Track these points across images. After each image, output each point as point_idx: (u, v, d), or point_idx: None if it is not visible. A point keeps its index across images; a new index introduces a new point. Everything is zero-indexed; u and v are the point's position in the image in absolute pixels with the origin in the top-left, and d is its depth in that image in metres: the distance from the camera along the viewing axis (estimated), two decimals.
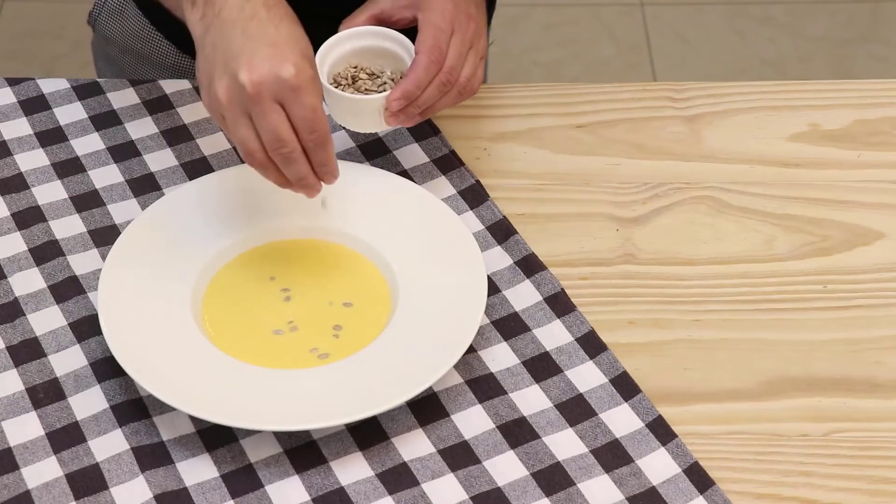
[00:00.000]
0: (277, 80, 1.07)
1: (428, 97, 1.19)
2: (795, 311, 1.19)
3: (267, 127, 1.08)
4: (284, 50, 1.08)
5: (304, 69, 1.08)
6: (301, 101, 1.08)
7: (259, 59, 1.07)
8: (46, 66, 2.72)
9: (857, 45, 2.85)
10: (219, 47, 1.09)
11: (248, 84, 1.07)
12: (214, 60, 1.10)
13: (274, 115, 1.08)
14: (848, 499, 1.06)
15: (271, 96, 1.07)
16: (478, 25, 1.22)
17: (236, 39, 1.09)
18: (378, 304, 1.17)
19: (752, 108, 1.37)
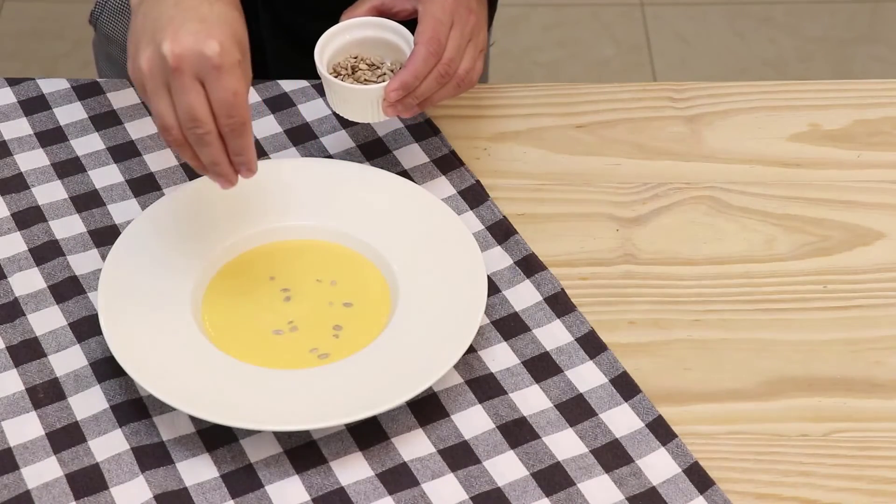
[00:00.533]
0: (200, 55, 1.04)
1: (426, 88, 1.19)
2: (796, 311, 1.19)
3: (184, 103, 1.05)
4: (213, 27, 1.05)
5: (230, 50, 1.05)
6: (222, 83, 1.05)
7: (185, 32, 1.04)
8: (46, 66, 2.72)
9: (857, 45, 2.85)
10: (149, 17, 1.07)
11: (169, 55, 1.04)
12: (144, 29, 1.07)
13: (192, 92, 1.05)
14: (848, 499, 1.06)
15: (192, 72, 1.05)
16: (478, 19, 1.22)
17: (167, 11, 1.06)
18: (378, 304, 1.17)
19: (752, 108, 1.37)
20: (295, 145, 1.32)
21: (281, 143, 1.32)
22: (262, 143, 1.32)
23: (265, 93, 1.36)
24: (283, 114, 1.34)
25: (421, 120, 1.33)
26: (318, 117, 1.34)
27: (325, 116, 1.34)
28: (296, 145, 1.32)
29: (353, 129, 1.33)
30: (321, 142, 1.32)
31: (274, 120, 1.34)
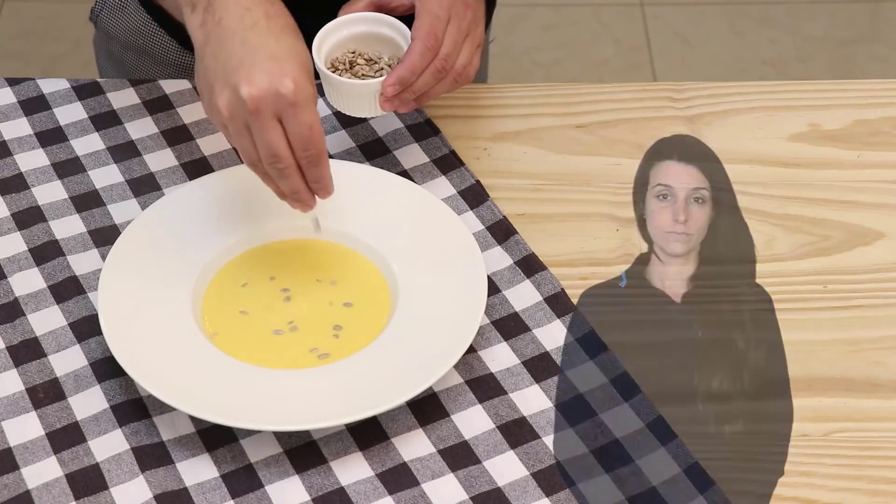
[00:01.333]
0: (276, 95, 1.07)
1: (423, 83, 1.19)
2: (795, 311, 1.19)
3: (264, 142, 1.09)
4: (284, 64, 1.08)
5: (304, 85, 1.08)
6: (298, 118, 1.08)
7: (259, 73, 1.07)
8: (46, 66, 2.72)
9: (857, 45, 2.85)
10: (219, 58, 1.10)
11: (248, 99, 1.07)
12: (215, 71, 1.10)
13: (271, 130, 1.08)
14: (848, 499, 1.06)
15: (270, 111, 1.08)
16: (475, 14, 1.22)
17: (236, 51, 1.09)
18: (378, 304, 1.17)
19: (752, 108, 1.37)
20: None
21: None
22: None
23: None
24: None
25: (421, 120, 1.33)
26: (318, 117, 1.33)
27: (325, 116, 1.34)
28: None
29: (353, 129, 1.33)
30: None
31: None
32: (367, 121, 1.33)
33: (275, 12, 1.11)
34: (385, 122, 1.33)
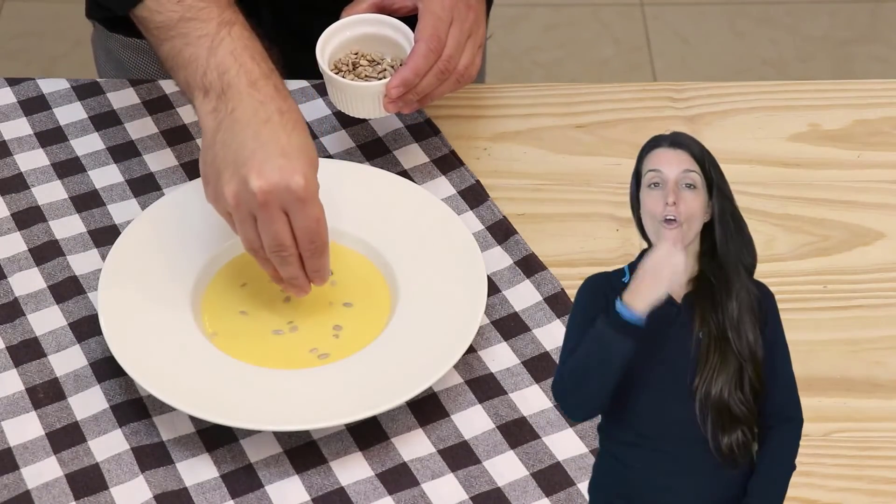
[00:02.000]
0: (286, 190, 1.08)
1: (426, 84, 1.20)
2: (795, 311, 1.19)
3: (270, 232, 1.10)
4: (294, 161, 1.09)
5: (312, 182, 1.09)
6: (306, 213, 1.09)
7: (270, 167, 1.08)
8: (46, 66, 2.72)
9: (857, 45, 2.85)
10: (230, 147, 1.10)
11: (257, 191, 1.08)
12: (224, 159, 1.10)
13: (278, 223, 1.09)
14: (848, 499, 1.06)
15: (278, 205, 1.09)
16: (477, 14, 1.23)
17: (248, 143, 1.10)
18: (378, 304, 1.17)
19: (752, 108, 1.37)
20: None
21: None
22: None
23: None
24: None
25: (421, 120, 1.33)
26: (318, 117, 1.34)
27: (325, 116, 1.34)
28: None
29: (353, 128, 1.33)
30: (321, 142, 1.32)
31: None
32: (367, 121, 1.33)
33: (287, 108, 1.12)
34: (385, 122, 1.33)
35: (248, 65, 1.13)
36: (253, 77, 1.12)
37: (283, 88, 1.13)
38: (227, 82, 1.12)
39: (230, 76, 1.12)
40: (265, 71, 1.13)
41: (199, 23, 1.15)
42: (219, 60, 1.13)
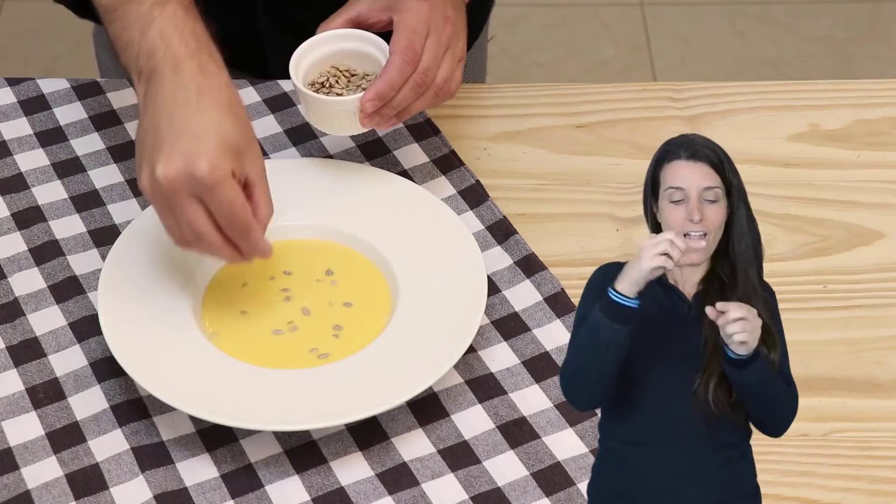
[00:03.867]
0: (191, 177, 1.05)
1: (403, 98, 1.18)
2: (795, 311, 1.19)
3: (184, 221, 1.07)
4: (203, 145, 1.06)
5: (219, 166, 1.06)
6: (217, 199, 1.06)
7: (176, 153, 1.06)
8: (46, 66, 2.72)
9: (857, 45, 2.85)
10: (149, 134, 1.09)
11: (163, 179, 1.06)
12: (143, 145, 1.09)
13: (190, 209, 1.07)
14: (848, 499, 1.06)
15: (187, 192, 1.06)
16: (455, 28, 1.20)
17: (163, 129, 1.08)
18: (378, 304, 1.17)
19: (752, 108, 1.37)
20: (295, 145, 1.32)
21: (281, 143, 1.32)
22: (263, 143, 1.31)
23: (265, 93, 1.36)
24: (283, 114, 1.34)
25: (421, 120, 1.33)
26: None
27: None
28: (296, 145, 1.32)
29: None
30: (321, 142, 1.32)
31: (274, 120, 1.34)
32: None
33: (208, 87, 1.09)
34: None
35: (175, 45, 1.10)
36: (177, 58, 1.10)
37: (209, 65, 1.10)
38: (153, 66, 1.10)
39: (157, 59, 1.10)
40: (192, 49, 1.10)
41: (135, 4, 1.13)
42: (148, 43, 1.11)
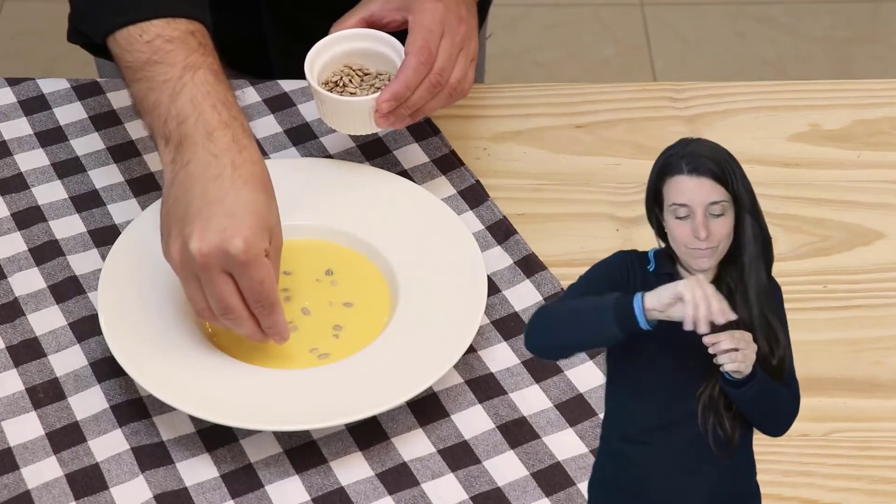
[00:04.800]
0: (226, 255, 1.05)
1: (418, 98, 1.18)
2: (795, 311, 1.18)
3: (214, 295, 1.07)
4: (238, 222, 1.06)
5: (254, 245, 1.06)
6: (248, 275, 1.06)
7: (211, 230, 1.05)
8: (46, 66, 2.72)
9: (857, 45, 2.85)
10: (180, 204, 1.08)
11: (196, 254, 1.05)
12: (174, 217, 1.08)
13: (220, 284, 1.07)
14: (848, 499, 1.06)
15: (219, 267, 1.06)
16: (468, 28, 1.21)
17: (195, 201, 1.07)
18: (378, 304, 1.17)
19: (752, 108, 1.37)
20: (295, 145, 1.32)
21: (281, 143, 1.32)
22: (262, 143, 1.31)
23: (265, 93, 1.36)
24: (283, 114, 1.34)
25: (421, 120, 1.33)
26: (318, 117, 1.33)
27: None
28: (296, 145, 1.32)
29: None
30: (321, 142, 1.32)
31: (274, 120, 1.34)
32: None
33: (242, 161, 1.09)
34: None
35: (207, 113, 1.09)
36: (210, 127, 1.09)
37: (242, 138, 1.10)
38: (184, 132, 1.09)
39: (188, 126, 1.09)
40: (225, 119, 1.10)
41: (165, 66, 1.11)
42: (179, 108, 1.10)
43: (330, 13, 1.26)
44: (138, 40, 1.13)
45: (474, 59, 1.23)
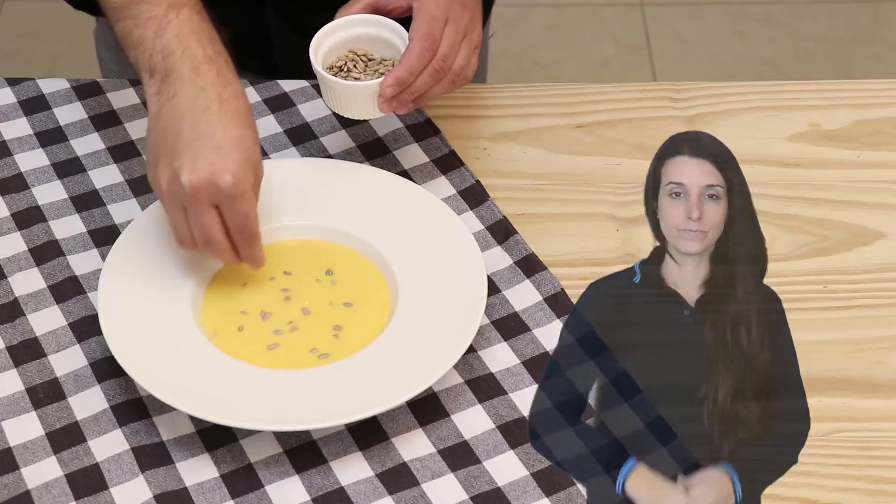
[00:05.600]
0: (215, 187, 1.09)
1: (421, 84, 1.19)
2: (795, 311, 1.19)
3: (198, 225, 1.11)
4: (227, 156, 1.09)
5: (243, 179, 1.10)
6: (235, 208, 1.10)
7: (202, 162, 1.09)
8: (46, 66, 2.72)
9: (857, 45, 2.85)
10: (168, 135, 1.11)
11: (187, 185, 1.09)
12: (163, 147, 1.11)
13: (206, 216, 1.10)
14: (848, 499, 1.06)
15: (208, 200, 1.10)
16: (472, 15, 1.22)
17: (184, 134, 1.10)
18: (378, 304, 1.17)
19: (752, 108, 1.37)
20: (295, 145, 1.32)
21: (281, 143, 1.32)
22: (263, 143, 1.31)
23: (265, 93, 1.36)
24: (283, 114, 1.34)
25: (421, 120, 1.33)
26: (318, 117, 1.34)
27: (325, 116, 1.34)
28: (296, 145, 1.32)
29: (353, 129, 1.33)
30: (321, 142, 1.32)
31: (274, 120, 1.34)
32: (367, 121, 1.33)
33: (228, 96, 1.12)
34: (385, 122, 1.33)
35: (193, 48, 1.13)
36: (196, 61, 1.12)
37: (226, 73, 1.13)
38: (170, 65, 1.13)
39: (174, 59, 1.13)
40: (210, 54, 1.13)
41: (149, 5, 1.15)
42: (164, 43, 1.13)
43: (334, 9, 1.26)
44: None
45: (478, 47, 1.24)
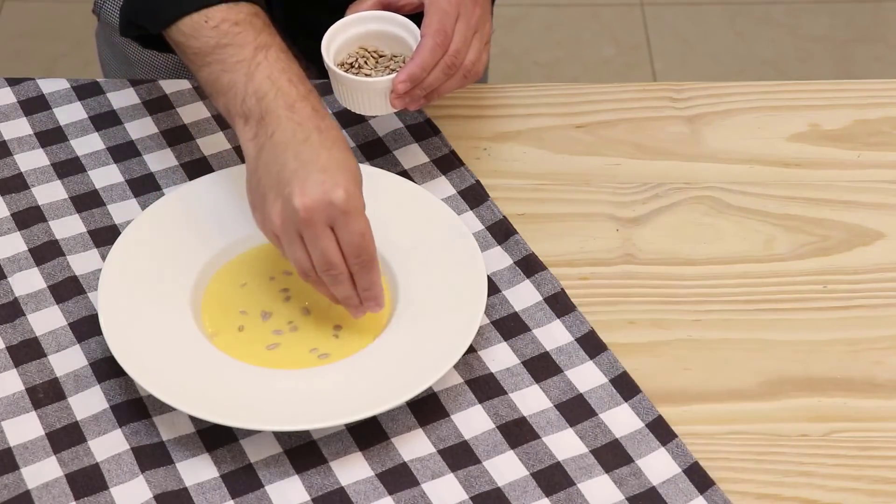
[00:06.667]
0: (329, 204, 1.08)
1: (433, 80, 1.20)
2: (795, 311, 1.19)
3: (318, 249, 1.10)
4: (336, 175, 1.09)
5: (355, 195, 1.09)
6: (350, 227, 1.09)
7: (311, 184, 1.08)
8: (46, 66, 2.72)
9: (857, 45, 2.85)
10: (272, 170, 1.11)
11: (300, 208, 1.08)
12: (268, 182, 1.11)
13: (324, 238, 1.09)
14: (848, 499, 1.06)
15: (323, 220, 1.09)
16: (483, 10, 1.23)
17: (289, 164, 1.10)
18: None
19: (752, 108, 1.37)
20: None
21: None
22: None
23: None
24: None
25: (421, 120, 1.33)
26: None
27: None
28: None
29: (354, 128, 1.33)
30: None
31: None
32: (368, 120, 1.33)
33: (325, 126, 1.12)
34: (385, 122, 1.33)
35: (286, 88, 1.13)
36: (290, 100, 1.12)
37: (320, 108, 1.14)
38: (265, 107, 1.12)
39: (268, 101, 1.12)
40: (302, 93, 1.13)
41: (235, 48, 1.14)
42: (256, 86, 1.13)
43: (341, 11, 1.26)
44: (204, 26, 1.15)
45: (489, 42, 1.24)
